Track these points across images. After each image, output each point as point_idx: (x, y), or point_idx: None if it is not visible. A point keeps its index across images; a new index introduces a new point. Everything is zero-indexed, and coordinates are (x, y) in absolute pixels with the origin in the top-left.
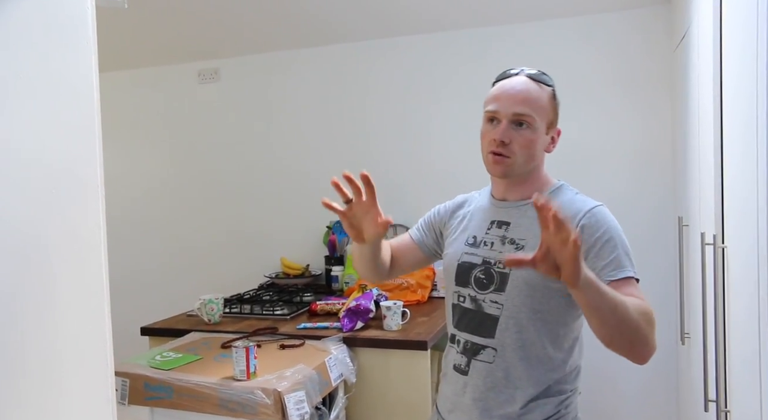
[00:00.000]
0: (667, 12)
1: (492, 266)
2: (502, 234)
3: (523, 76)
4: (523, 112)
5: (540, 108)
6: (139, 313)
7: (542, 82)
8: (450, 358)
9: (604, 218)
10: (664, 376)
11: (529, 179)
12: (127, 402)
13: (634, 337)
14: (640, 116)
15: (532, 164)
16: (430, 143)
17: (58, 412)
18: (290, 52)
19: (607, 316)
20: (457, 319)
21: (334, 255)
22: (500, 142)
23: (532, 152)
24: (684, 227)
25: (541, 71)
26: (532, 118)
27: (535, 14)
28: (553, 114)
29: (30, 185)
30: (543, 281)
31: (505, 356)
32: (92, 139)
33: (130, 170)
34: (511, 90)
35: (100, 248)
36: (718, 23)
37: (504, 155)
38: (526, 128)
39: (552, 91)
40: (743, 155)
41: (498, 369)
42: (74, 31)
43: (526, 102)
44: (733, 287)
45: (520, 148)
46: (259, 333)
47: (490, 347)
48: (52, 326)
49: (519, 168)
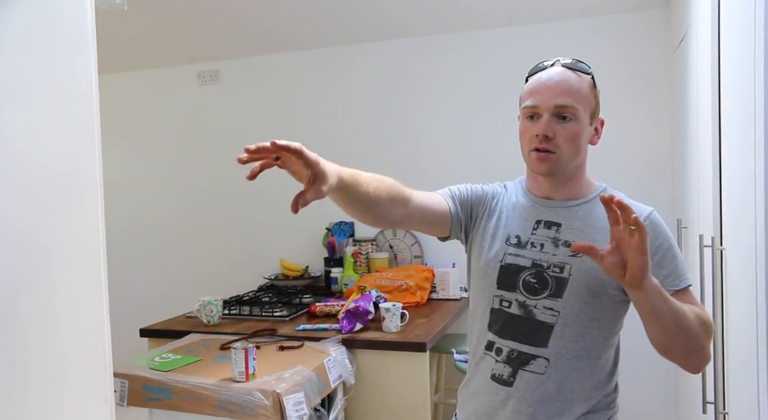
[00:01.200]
0: (665, 15)
1: (545, 270)
2: (553, 236)
3: (558, 66)
4: (565, 104)
5: (582, 98)
6: (138, 314)
7: (580, 71)
8: (484, 367)
9: (661, 225)
10: (662, 379)
11: (575, 176)
12: (126, 403)
13: (693, 346)
14: (638, 118)
15: (578, 159)
16: (431, 144)
17: (57, 412)
18: (289, 53)
19: (668, 323)
20: (500, 326)
21: (334, 257)
22: (543, 136)
23: (578, 146)
24: (683, 229)
25: (577, 59)
26: (575, 110)
27: (534, 17)
28: (595, 103)
29: (30, 187)
30: (604, 287)
31: (559, 367)
32: (92, 141)
33: (129, 172)
34: (549, 81)
35: (99, 249)
36: (717, 26)
37: (549, 151)
38: (570, 120)
39: (591, 79)
40: (741, 157)
41: (550, 381)
42: (74, 34)
43: (568, 93)
44: (731, 289)
45: (566, 142)
46: (258, 334)
47: (542, 357)
48: (52, 327)
49: (566, 164)
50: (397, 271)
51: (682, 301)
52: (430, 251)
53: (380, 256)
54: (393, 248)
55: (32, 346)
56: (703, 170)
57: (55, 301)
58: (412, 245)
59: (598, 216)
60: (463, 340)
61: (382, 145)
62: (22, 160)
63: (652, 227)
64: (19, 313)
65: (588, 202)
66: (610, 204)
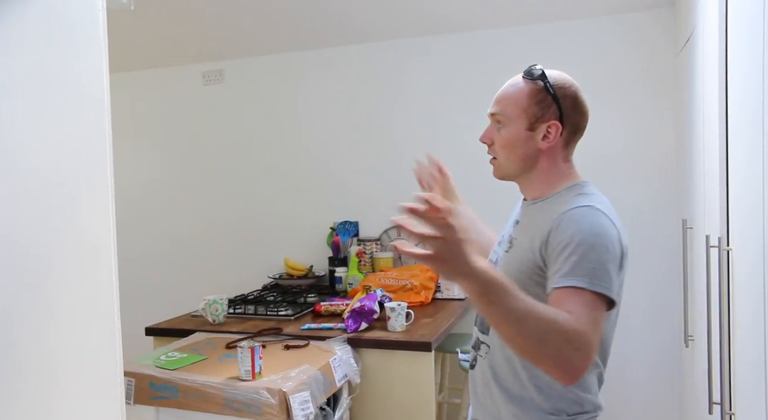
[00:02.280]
0: (670, 15)
1: (495, 264)
2: (510, 233)
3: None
4: (494, 112)
5: (514, 105)
6: (144, 313)
7: (528, 76)
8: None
9: (575, 221)
10: (667, 378)
11: (535, 178)
12: (132, 401)
13: (542, 353)
14: (642, 119)
15: (523, 164)
16: (432, 143)
17: (68, 410)
18: (294, 53)
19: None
20: (475, 315)
21: (338, 256)
22: (483, 143)
23: (515, 151)
24: (688, 230)
25: (534, 66)
26: (504, 116)
27: (537, 18)
28: (536, 107)
29: (41, 186)
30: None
31: (495, 354)
32: (103, 140)
33: (134, 172)
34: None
35: (110, 249)
36: (724, 25)
37: (493, 157)
38: (502, 127)
39: (539, 85)
40: (749, 157)
41: (488, 366)
42: (86, 34)
43: (499, 101)
44: (738, 290)
45: (500, 147)
46: (264, 333)
47: (485, 343)
48: (64, 326)
49: (508, 169)
50: (401, 271)
51: (563, 303)
52: None
53: (384, 256)
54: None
55: (44, 344)
56: (710, 170)
57: (68, 300)
58: (416, 245)
59: (543, 214)
60: (468, 339)
61: (387, 145)
62: (34, 159)
63: (560, 223)
64: (32, 311)
65: (544, 201)
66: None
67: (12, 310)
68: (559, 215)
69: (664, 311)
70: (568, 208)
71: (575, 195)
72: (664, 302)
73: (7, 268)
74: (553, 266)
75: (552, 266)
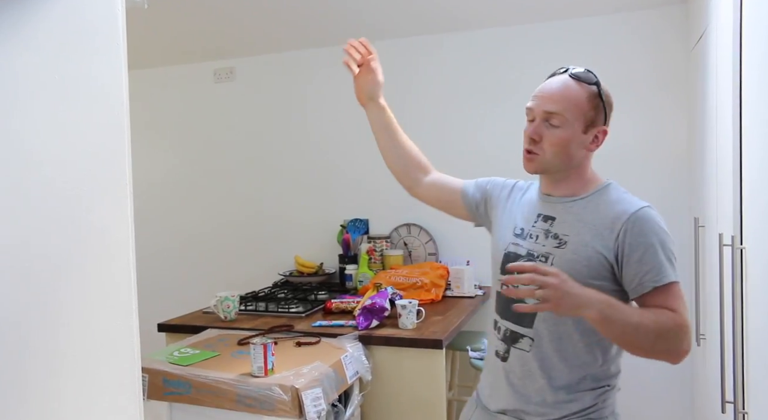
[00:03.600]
0: (682, 12)
1: (535, 259)
2: (546, 228)
3: (564, 74)
4: (552, 110)
5: (574, 107)
6: (156, 309)
7: (584, 81)
8: (492, 344)
9: (648, 222)
10: (678, 377)
11: (571, 176)
12: (146, 397)
13: (660, 345)
14: (654, 116)
15: (567, 162)
16: (443, 138)
17: (87, 405)
18: (305, 51)
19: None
20: (501, 307)
21: (348, 254)
22: (530, 139)
23: (565, 150)
24: (700, 228)
25: (587, 69)
26: (563, 117)
27: (548, 15)
28: (593, 112)
29: (61, 183)
30: (582, 278)
31: (542, 346)
32: (122, 139)
33: (146, 169)
34: (546, 88)
35: (128, 245)
36: (738, 23)
37: (534, 153)
38: (558, 127)
39: (594, 90)
40: (763, 154)
41: (534, 358)
42: (106, 33)
43: (559, 101)
44: (751, 289)
45: (551, 145)
46: (275, 330)
47: (527, 337)
48: (84, 321)
49: (550, 165)
50: (411, 269)
51: (661, 299)
52: (445, 248)
53: (395, 253)
54: (407, 245)
55: (64, 339)
56: (723, 168)
57: (87, 296)
58: (426, 242)
59: (590, 211)
60: (478, 337)
61: None
62: (54, 157)
63: (635, 224)
64: (53, 307)
65: (583, 199)
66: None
67: (32, 307)
68: (627, 217)
69: None
70: (633, 208)
71: (622, 194)
72: None
73: (27, 266)
74: (642, 265)
75: (639, 265)
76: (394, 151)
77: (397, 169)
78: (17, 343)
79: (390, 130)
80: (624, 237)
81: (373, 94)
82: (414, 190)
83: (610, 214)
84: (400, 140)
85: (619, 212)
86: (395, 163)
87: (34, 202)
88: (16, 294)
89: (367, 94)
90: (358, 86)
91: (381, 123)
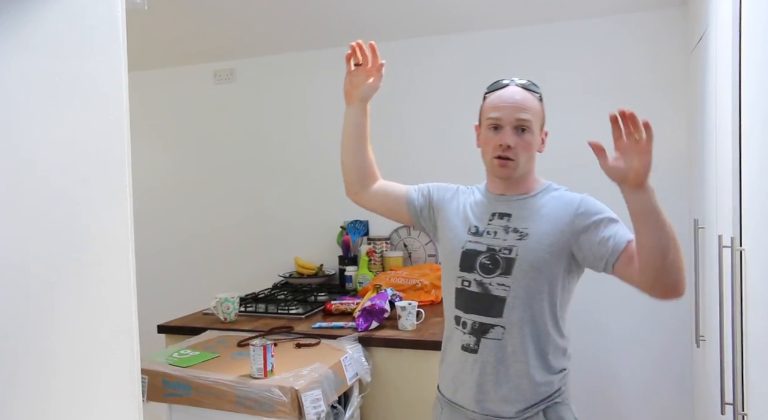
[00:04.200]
0: (681, 14)
1: (497, 253)
2: (504, 224)
3: (515, 86)
4: (525, 118)
5: (536, 114)
6: (155, 310)
7: (534, 91)
8: (455, 341)
9: (594, 203)
10: (678, 378)
11: (525, 176)
12: (145, 398)
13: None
14: (653, 118)
15: (531, 165)
16: (442, 142)
17: (87, 407)
18: (305, 52)
19: (662, 225)
20: (463, 303)
21: (348, 255)
22: (506, 146)
23: (531, 154)
24: (700, 230)
25: (530, 81)
26: (531, 123)
27: (548, 17)
28: (543, 119)
29: (61, 184)
30: (546, 265)
31: (513, 332)
32: (121, 138)
33: (145, 170)
34: (511, 99)
35: (128, 246)
36: (738, 25)
37: (510, 159)
38: (527, 133)
39: (539, 97)
40: (762, 156)
41: (507, 344)
42: (105, 34)
43: (527, 109)
44: (751, 290)
45: (523, 151)
46: (275, 332)
47: (498, 326)
48: (84, 323)
49: (521, 169)
50: (411, 270)
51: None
52: None
53: (395, 255)
54: (407, 247)
55: (63, 340)
56: (722, 170)
57: (86, 297)
58: (426, 244)
59: (542, 205)
60: None
61: (397, 144)
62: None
63: (586, 207)
64: (52, 308)
65: (535, 196)
66: (617, 121)
67: (31, 308)
68: (578, 202)
69: (675, 311)
70: (579, 198)
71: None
72: (675, 302)
73: (25, 267)
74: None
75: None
76: (357, 155)
77: (352, 172)
78: (16, 345)
79: (361, 134)
80: (579, 221)
81: (366, 97)
82: (359, 195)
83: (561, 205)
84: (365, 146)
85: (567, 203)
86: (353, 167)
87: (34, 204)
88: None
89: (361, 95)
90: (351, 84)
91: (357, 124)
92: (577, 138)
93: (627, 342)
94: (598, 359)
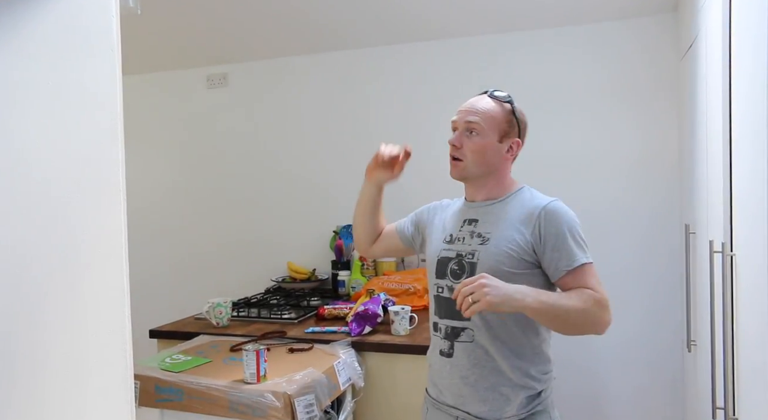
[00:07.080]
0: (673, 20)
1: (463, 258)
2: (471, 230)
3: (484, 94)
4: (472, 120)
5: (490, 118)
6: (147, 315)
7: (500, 99)
8: (435, 346)
9: (557, 213)
10: (669, 383)
11: (490, 182)
12: (138, 404)
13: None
14: (645, 124)
15: (485, 168)
16: (435, 149)
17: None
18: (298, 57)
19: (552, 317)
20: (438, 308)
21: (341, 260)
22: (452, 145)
23: (483, 157)
24: (691, 235)
25: (500, 90)
26: (480, 126)
27: (540, 23)
28: (507, 126)
29: (54, 188)
30: (507, 268)
31: (483, 334)
32: (115, 143)
33: (138, 175)
34: (468, 104)
35: (121, 251)
36: (728, 31)
37: (458, 159)
38: (476, 135)
39: (509, 107)
40: (752, 162)
41: (478, 346)
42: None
43: (476, 113)
44: (742, 295)
45: (471, 152)
46: (268, 336)
47: (468, 328)
48: (76, 328)
49: (471, 171)
50: (404, 275)
51: (577, 280)
52: None
53: (387, 260)
54: None
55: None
56: (713, 175)
57: (79, 302)
58: None
59: (508, 211)
60: None
61: None
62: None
63: (546, 216)
64: (45, 313)
65: (501, 201)
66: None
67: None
68: (538, 211)
69: (667, 316)
70: (544, 202)
71: (535, 193)
72: (666, 307)
73: (18, 271)
74: (555, 253)
75: (553, 253)
76: (369, 222)
77: (362, 234)
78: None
79: (375, 206)
80: (539, 228)
81: (383, 182)
82: (368, 251)
83: (525, 210)
84: (377, 214)
85: (532, 208)
86: (364, 231)
87: (27, 208)
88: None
89: (380, 179)
90: (375, 165)
91: (372, 199)
92: (569, 143)
93: (618, 347)
94: (589, 364)
